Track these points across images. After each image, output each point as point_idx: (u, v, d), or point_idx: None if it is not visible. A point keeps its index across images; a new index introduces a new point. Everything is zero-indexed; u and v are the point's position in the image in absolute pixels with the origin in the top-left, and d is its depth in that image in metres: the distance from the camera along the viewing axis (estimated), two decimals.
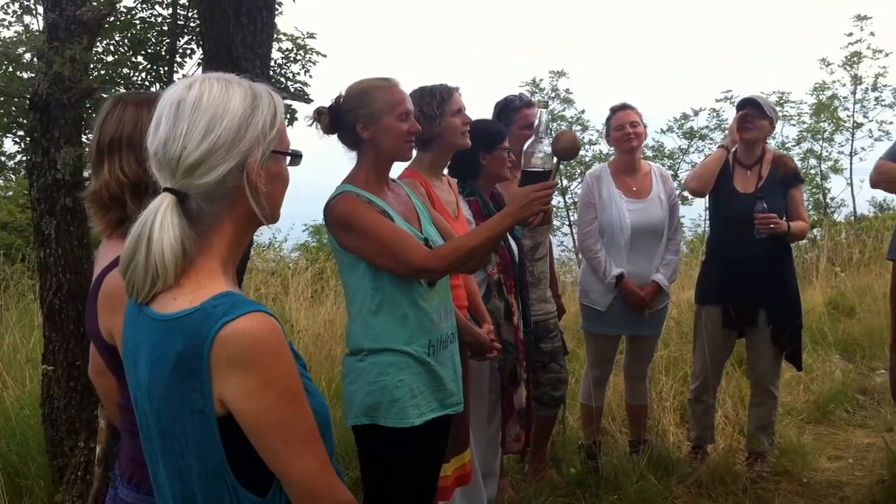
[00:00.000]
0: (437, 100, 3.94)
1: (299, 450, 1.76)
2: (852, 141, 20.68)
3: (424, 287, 3.30)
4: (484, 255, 3.55)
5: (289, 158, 1.92)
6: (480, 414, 4.47)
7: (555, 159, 3.32)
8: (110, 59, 6.69)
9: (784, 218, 5.28)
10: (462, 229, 3.92)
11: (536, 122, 3.41)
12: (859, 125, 20.73)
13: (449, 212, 3.99)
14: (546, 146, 3.30)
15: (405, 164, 3.83)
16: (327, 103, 3.37)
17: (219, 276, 1.81)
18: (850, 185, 20.00)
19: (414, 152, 3.50)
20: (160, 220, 1.74)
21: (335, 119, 3.32)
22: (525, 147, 3.46)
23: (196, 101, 1.78)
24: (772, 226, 5.16)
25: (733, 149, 5.51)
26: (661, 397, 6.25)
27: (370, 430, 3.27)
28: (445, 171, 4.26)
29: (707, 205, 16.93)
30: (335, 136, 3.39)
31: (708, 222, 17.03)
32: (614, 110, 5.51)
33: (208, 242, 1.83)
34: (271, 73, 5.57)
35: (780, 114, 18.29)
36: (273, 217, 1.92)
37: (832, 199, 20.54)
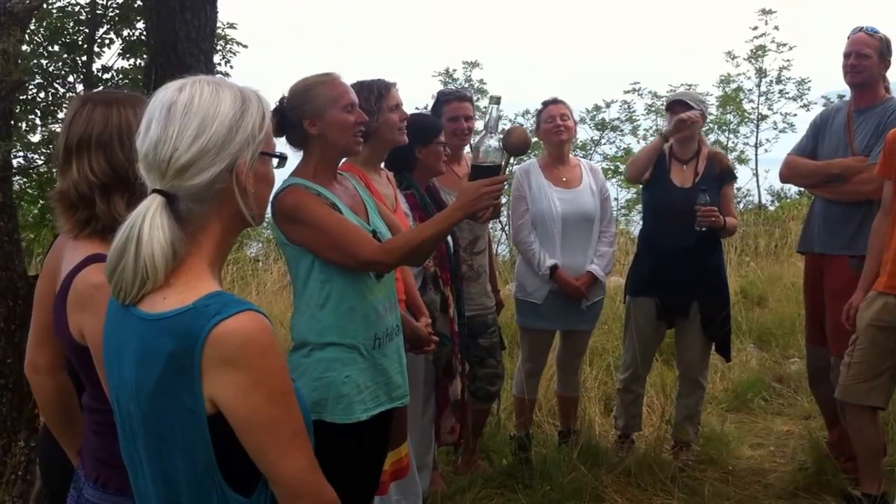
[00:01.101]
0: (374, 95, 3.91)
1: (289, 448, 1.78)
2: (757, 132, 21.23)
3: (372, 280, 3.28)
4: (433, 249, 3.55)
5: (275, 161, 1.94)
6: (414, 406, 4.46)
7: (505, 154, 3.33)
8: (26, 48, 6.49)
9: None
10: (402, 220, 3.91)
11: (487, 118, 3.40)
12: (764, 117, 21.30)
13: (388, 205, 3.97)
14: (496, 141, 3.30)
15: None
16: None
17: (208, 276, 1.82)
18: (756, 175, 20.49)
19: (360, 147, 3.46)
20: (149, 221, 1.75)
21: (281, 120, 3.28)
22: (475, 142, 3.46)
23: (187, 104, 1.79)
24: (713, 219, 5.25)
25: (670, 141, 5.60)
26: (585, 388, 6.31)
27: (315, 426, 3.23)
28: (381, 165, 4.24)
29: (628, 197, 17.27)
30: (283, 139, 3.34)
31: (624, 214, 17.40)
32: (546, 104, 5.55)
33: (196, 242, 1.83)
34: None
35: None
36: (260, 217, 1.93)
37: (738, 189, 20.99)
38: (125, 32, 7.01)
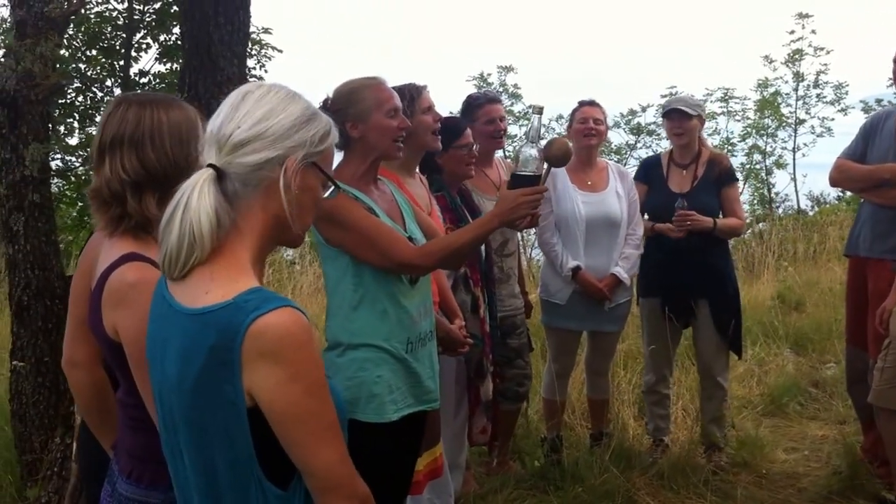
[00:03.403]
0: (407, 98, 3.92)
1: (323, 441, 1.82)
2: (795, 137, 21.08)
3: (406, 284, 3.29)
4: (469, 254, 3.55)
5: (329, 186, 2.04)
6: (447, 407, 4.47)
7: (546, 165, 3.33)
8: (65, 53, 6.61)
9: (720, 215, 5.44)
10: (437, 224, 3.92)
11: (529, 127, 3.41)
12: (801, 121, 21.13)
13: (422, 207, 3.99)
14: (537, 150, 3.29)
15: None
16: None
17: (249, 271, 1.88)
18: (794, 180, 20.35)
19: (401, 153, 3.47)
20: (198, 189, 1.83)
21: None
22: (516, 150, 3.47)
23: (262, 95, 1.93)
24: (688, 223, 5.29)
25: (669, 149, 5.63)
26: (619, 390, 6.28)
27: (348, 425, 3.25)
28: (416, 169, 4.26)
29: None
30: None
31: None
32: (582, 104, 5.54)
33: (239, 231, 1.89)
34: None
35: (708, 110, 18.62)
36: (303, 227, 2.01)
37: (776, 193, 20.87)
38: (162, 37, 7.13)
